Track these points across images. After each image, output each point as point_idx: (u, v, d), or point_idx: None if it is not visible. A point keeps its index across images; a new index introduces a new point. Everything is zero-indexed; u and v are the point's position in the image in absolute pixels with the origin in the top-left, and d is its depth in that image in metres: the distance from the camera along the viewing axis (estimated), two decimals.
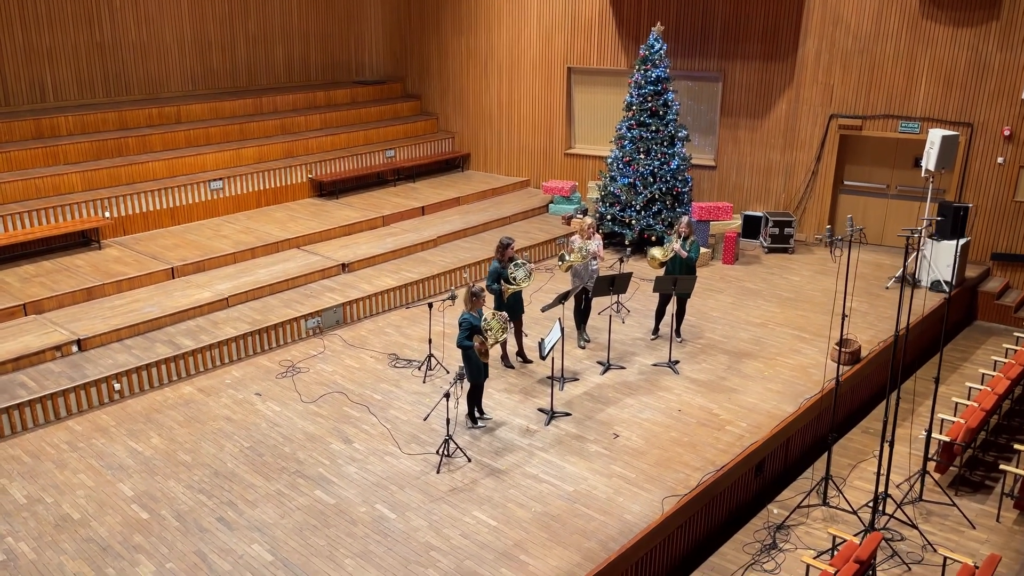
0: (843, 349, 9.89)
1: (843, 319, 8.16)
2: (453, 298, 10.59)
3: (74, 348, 10.16)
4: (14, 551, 7.15)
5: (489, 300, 9.73)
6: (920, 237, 7.45)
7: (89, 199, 13.06)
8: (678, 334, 11.31)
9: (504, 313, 9.21)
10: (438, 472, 8.31)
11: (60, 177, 13.26)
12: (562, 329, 9.37)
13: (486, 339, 8.85)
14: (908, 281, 13.42)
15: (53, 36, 14.78)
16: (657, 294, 11.20)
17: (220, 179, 14.64)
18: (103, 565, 6.99)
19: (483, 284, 10.60)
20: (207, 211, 14.51)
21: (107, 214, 13.21)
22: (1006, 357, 11.20)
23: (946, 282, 12.97)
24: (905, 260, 8.64)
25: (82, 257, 12.45)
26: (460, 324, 8.83)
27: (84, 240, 12.93)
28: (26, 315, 10.77)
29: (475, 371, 8.95)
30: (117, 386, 9.69)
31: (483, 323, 8.92)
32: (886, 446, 8.01)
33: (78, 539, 7.31)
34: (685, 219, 10.99)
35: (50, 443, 8.84)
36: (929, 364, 12.13)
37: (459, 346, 8.88)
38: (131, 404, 9.65)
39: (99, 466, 8.41)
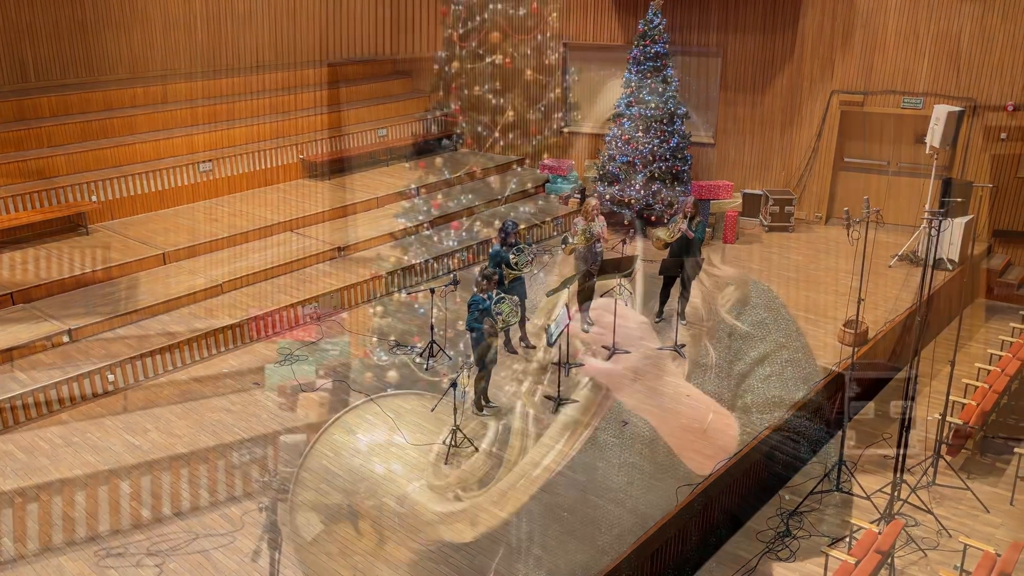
0: (851, 331, 9.75)
1: (859, 303, 8.00)
2: (456, 283, 10.35)
3: (65, 338, 9.86)
4: (10, 552, 6.91)
5: None
6: (941, 219, 7.26)
7: (75, 182, 12.65)
8: (682, 316, 11.11)
9: (515, 297, 8.99)
10: (446, 463, 8.12)
11: (44, 160, 12.84)
12: (569, 315, 9.16)
13: (495, 322, 8.62)
14: (911, 259, 13.33)
15: (33, 12, 14.27)
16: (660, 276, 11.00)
17: (209, 160, 14.26)
18: (104, 566, 6.77)
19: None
20: (197, 194, 14.13)
21: (94, 198, 12.82)
22: (1013, 336, 11.11)
23: (950, 260, 12.86)
24: (933, 242, 8.41)
25: (70, 243, 12.09)
26: (469, 306, 8.60)
27: (71, 225, 12.54)
28: (14, 304, 10.44)
29: (483, 355, 8.74)
30: (111, 377, 9.41)
31: (493, 306, 8.68)
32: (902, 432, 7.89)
33: (77, 539, 7.08)
34: (691, 198, 10.76)
35: (44, 438, 8.57)
36: (933, 343, 12.01)
37: (468, 328, 8.65)
38: (126, 396, 9.39)
39: (95, 461, 8.16)
